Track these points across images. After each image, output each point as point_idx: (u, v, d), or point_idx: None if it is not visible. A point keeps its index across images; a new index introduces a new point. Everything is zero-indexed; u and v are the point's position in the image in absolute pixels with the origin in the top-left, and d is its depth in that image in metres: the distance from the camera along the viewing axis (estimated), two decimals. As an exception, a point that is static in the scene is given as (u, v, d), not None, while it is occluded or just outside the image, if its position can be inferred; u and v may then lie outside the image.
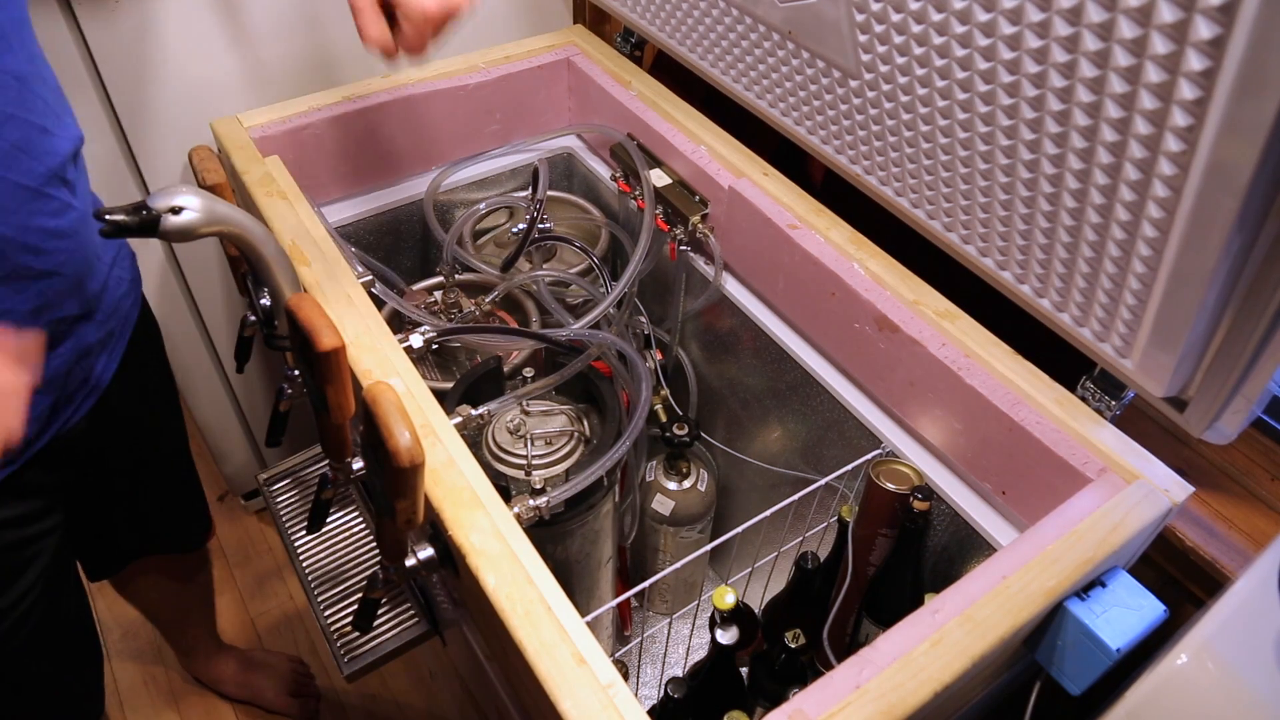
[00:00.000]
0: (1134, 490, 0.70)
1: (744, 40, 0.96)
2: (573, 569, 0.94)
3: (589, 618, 0.64)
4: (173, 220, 0.70)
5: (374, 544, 1.03)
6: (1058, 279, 0.73)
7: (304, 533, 1.03)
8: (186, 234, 0.71)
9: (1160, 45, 0.54)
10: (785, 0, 0.85)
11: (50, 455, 0.81)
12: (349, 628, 0.93)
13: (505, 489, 0.83)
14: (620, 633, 1.26)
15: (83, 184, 0.78)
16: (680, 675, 0.89)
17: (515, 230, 1.11)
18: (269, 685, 1.44)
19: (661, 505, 1.13)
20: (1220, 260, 0.58)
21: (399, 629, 0.94)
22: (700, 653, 1.22)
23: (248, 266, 0.81)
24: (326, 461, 1.09)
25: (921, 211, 0.84)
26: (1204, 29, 0.51)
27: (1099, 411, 0.76)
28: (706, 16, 1.00)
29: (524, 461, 0.87)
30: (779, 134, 1.00)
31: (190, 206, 0.70)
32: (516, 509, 0.74)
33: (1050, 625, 0.68)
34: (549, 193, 1.14)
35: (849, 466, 0.89)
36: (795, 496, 0.88)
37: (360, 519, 1.05)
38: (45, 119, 0.72)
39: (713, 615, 0.83)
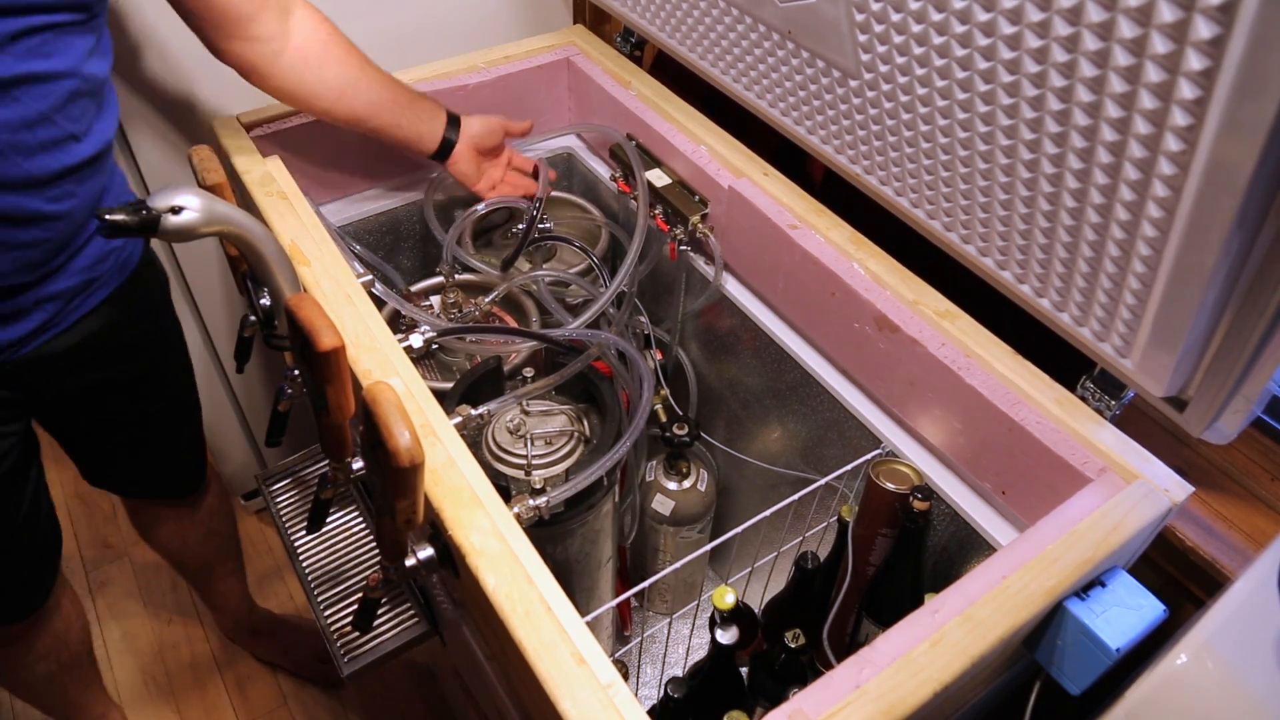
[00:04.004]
0: (1134, 490, 0.70)
1: (744, 40, 0.96)
2: (573, 569, 0.94)
3: (589, 618, 0.64)
4: (173, 220, 0.70)
5: (374, 544, 1.03)
6: (1057, 279, 0.73)
7: (304, 533, 1.03)
8: (186, 234, 0.71)
9: (1160, 45, 0.54)
10: (785, 0, 0.85)
11: (2, 375, 0.87)
12: (349, 628, 0.93)
13: (505, 489, 0.83)
14: (620, 633, 1.26)
15: (98, 178, 0.82)
16: (680, 675, 0.89)
17: (515, 230, 1.11)
18: (297, 648, 1.46)
19: (661, 505, 1.13)
20: (1220, 260, 0.58)
21: (399, 629, 0.94)
22: (700, 653, 1.21)
23: (248, 266, 0.81)
24: (326, 461, 1.09)
25: (921, 211, 0.84)
26: (1204, 29, 0.51)
27: (1099, 411, 0.76)
28: (706, 16, 1.00)
29: (524, 461, 0.87)
30: (779, 134, 1.00)
31: (190, 206, 0.70)
32: (516, 509, 0.74)
33: (1050, 625, 0.68)
34: (549, 193, 1.14)
35: (849, 466, 0.89)
36: (795, 496, 0.88)
37: (360, 519, 1.05)
38: (79, 126, 0.77)
39: (713, 615, 0.83)
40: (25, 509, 0.98)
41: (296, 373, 0.84)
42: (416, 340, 0.87)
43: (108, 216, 0.67)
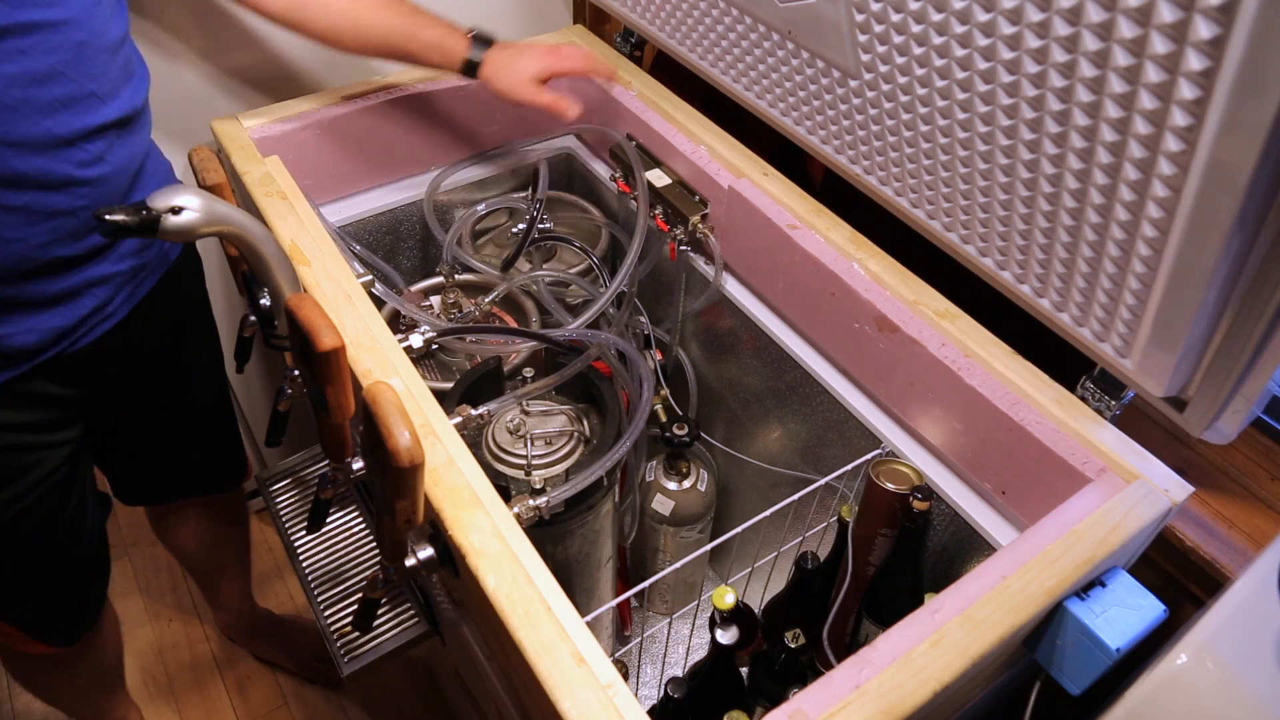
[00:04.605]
0: (1134, 490, 0.70)
1: (744, 40, 0.96)
2: (573, 569, 0.94)
3: (589, 618, 0.64)
4: (173, 220, 0.70)
5: (374, 544, 1.03)
6: (1057, 279, 0.73)
7: (304, 533, 1.03)
8: (186, 234, 0.71)
9: (1160, 45, 0.54)
10: (785, 0, 0.85)
11: (57, 370, 0.85)
12: (349, 628, 0.93)
13: (505, 489, 0.83)
14: (620, 633, 1.26)
15: (129, 144, 0.82)
16: (680, 675, 0.89)
17: (515, 230, 1.11)
18: (299, 648, 1.47)
19: (661, 505, 1.13)
20: (1220, 260, 0.58)
21: (399, 629, 0.94)
22: (700, 653, 1.22)
23: (248, 266, 0.81)
24: (326, 461, 1.09)
25: (921, 211, 0.84)
26: (1204, 29, 0.51)
27: (1099, 411, 0.76)
28: (706, 16, 1.00)
29: (524, 461, 0.87)
30: (779, 134, 1.00)
31: (190, 206, 0.70)
32: (516, 509, 0.74)
33: (1050, 625, 0.68)
34: (549, 193, 1.13)
35: (849, 466, 0.89)
36: (795, 496, 0.88)
37: (360, 519, 1.05)
38: (99, 85, 0.76)
39: (713, 615, 0.83)
40: (77, 526, 0.97)
41: (296, 373, 0.84)
42: (416, 340, 0.87)
43: (107, 216, 0.67)
